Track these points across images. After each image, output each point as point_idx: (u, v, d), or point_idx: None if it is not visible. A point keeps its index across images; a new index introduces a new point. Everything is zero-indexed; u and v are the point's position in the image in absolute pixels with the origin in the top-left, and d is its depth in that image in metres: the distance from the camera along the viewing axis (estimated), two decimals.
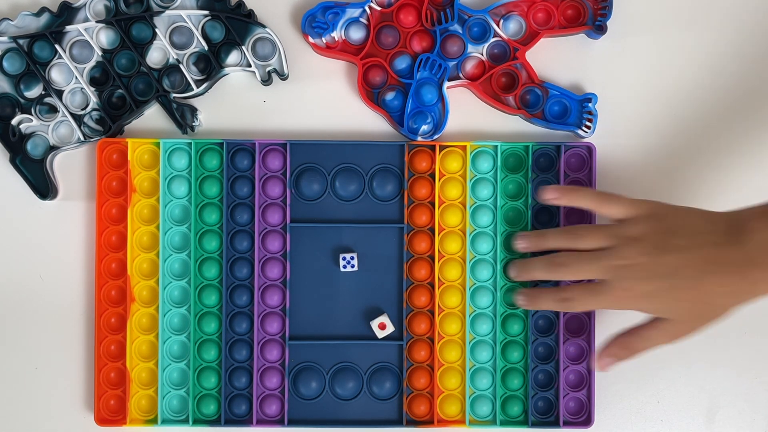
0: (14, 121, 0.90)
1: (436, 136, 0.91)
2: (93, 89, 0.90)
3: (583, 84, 0.93)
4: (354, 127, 0.93)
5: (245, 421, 0.91)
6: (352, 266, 0.91)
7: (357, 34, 0.91)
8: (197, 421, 0.91)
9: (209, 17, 0.90)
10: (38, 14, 0.90)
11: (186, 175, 0.91)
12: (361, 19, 0.91)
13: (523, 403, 0.92)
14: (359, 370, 0.92)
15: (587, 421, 0.91)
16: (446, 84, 0.91)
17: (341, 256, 0.91)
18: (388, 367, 0.92)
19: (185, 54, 0.90)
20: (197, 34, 0.90)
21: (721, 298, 0.78)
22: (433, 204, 0.91)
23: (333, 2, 0.91)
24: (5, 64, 0.90)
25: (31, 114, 0.90)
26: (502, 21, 0.91)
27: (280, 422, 0.91)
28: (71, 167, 0.92)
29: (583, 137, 0.91)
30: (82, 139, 0.91)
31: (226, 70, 0.91)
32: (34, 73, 0.90)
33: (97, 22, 0.90)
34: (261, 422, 0.92)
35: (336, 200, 0.92)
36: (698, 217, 0.81)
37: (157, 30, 0.90)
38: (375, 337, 0.92)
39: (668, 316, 0.81)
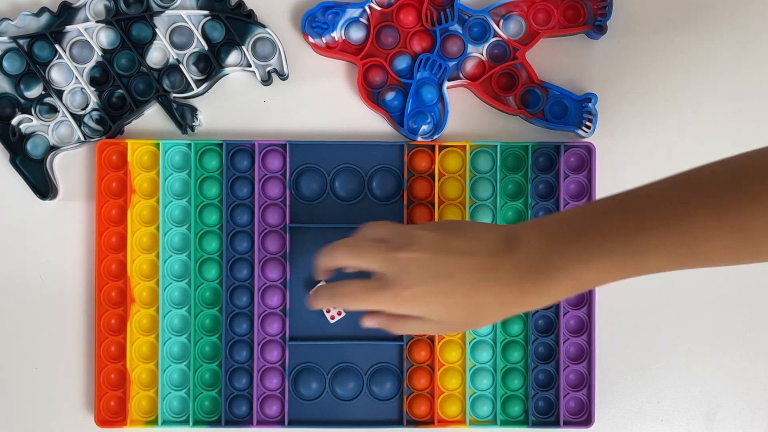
0: (14, 121, 0.90)
1: (436, 136, 0.91)
2: (93, 89, 0.90)
3: (583, 84, 0.93)
4: (354, 127, 0.93)
5: (245, 421, 0.91)
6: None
7: (357, 34, 0.91)
8: (197, 422, 0.91)
9: (209, 17, 0.90)
10: (38, 14, 0.90)
11: (186, 176, 0.91)
12: (361, 19, 0.91)
13: (524, 403, 0.92)
14: (359, 371, 0.92)
15: (587, 421, 0.91)
16: (446, 84, 0.91)
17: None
18: (388, 368, 0.92)
19: (185, 54, 0.90)
20: (197, 34, 0.90)
21: (491, 309, 0.75)
22: (433, 204, 0.91)
23: (333, 2, 0.91)
24: (5, 64, 0.90)
25: (31, 114, 0.90)
26: (502, 21, 0.91)
27: (280, 423, 0.91)
28: (71, 167, 0.92)
29: (583, 137, 0.91)
30: (82, 139, 0.91)
31: (226, 70, 0.91)
32: (34, 73, 0.90)
33: (97, 22, 0.90)
34: (261, 423, 0.91)
35: (336, 200, 0.92)
36: (479, 226, 0.79)
37: (157, 30, 0.90)
38: (375, 338, 0.92)
39: (437, 319, 0.76)
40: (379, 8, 0.91)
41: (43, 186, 0.91)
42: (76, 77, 0.90)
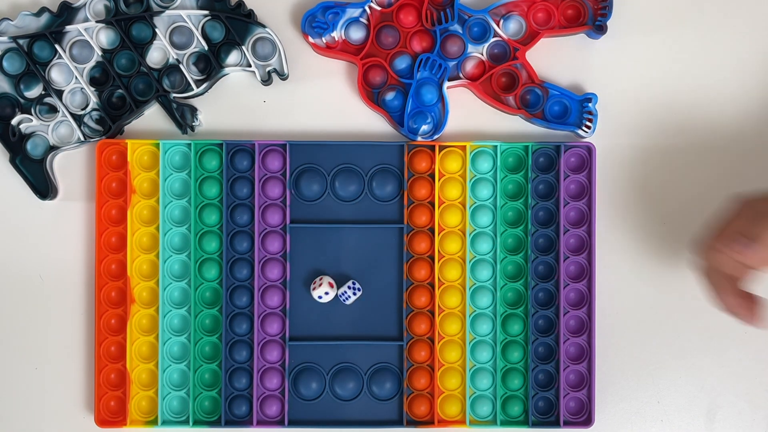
0: (14, 121, 0.90)
1: (436, 136, 0.91)
2: (93, 89, 0.90)
3: (583, 84, 0.93)
4: (354, 127, 0.93)
5: (245, 421, 0.91)
6: (355, 293, 0.91)
7: (357, 34, 0.91)
8: (197, 422, 0.91)
9: (209, 17, 0.90)
10: (38, 14, 0.90)
11: (186, 176, 0.91)
12: (361, 19, 0.91)
13: (524, 403, 0.92)
14: (359, 371, 0.92)
15: (587, 421, 0.91)
16: (446, 84, 0.91)
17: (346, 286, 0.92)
18: (388, 368, 0.92)
19: (185, 54, 0.90)
20: (197, 34, 0.90)
21: None
22: (432, 204, 0.91)
23: (333, 2, 0.91)
24: (5, 64, 0.90)
25: (31, 114, 0.90)
26: (502, 21, 0.91)
27: (280, 423, 0.91)
28: (71, 167, 0.92)
29: (583, 137, 0.91)
30: (82, 139, 0.91)
31: (226, 70, 0.91)
32: (34, 73, 0.90)
33: (97, 22, 0.90)
34: (261, 423, 0.91)
35: (336, 200, 0.92)
36: None
37: (157, 30, 0.90)
38: (375, 338, 0.92)
39: None
40: (379, 8, 0.91)
41: (43, 186, 0.91)
42: (76, 77, 0.90)
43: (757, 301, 0.81)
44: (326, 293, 0.91)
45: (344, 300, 0.91)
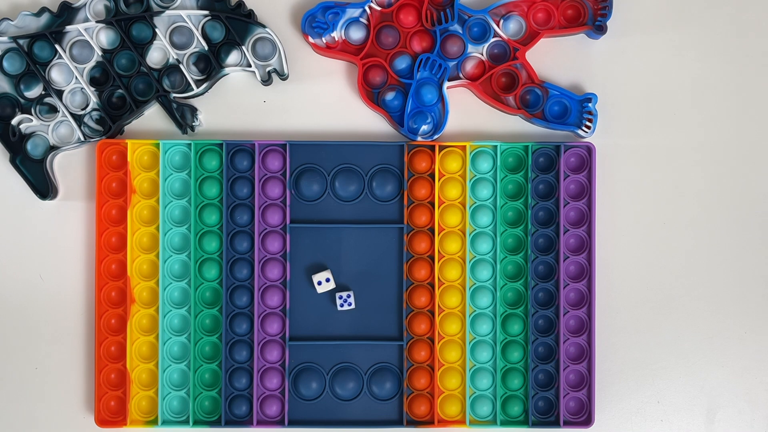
0: (14, 121, 0.90)
1: (436, 136, 0.91)
2: (93, 89, 0.90)
3: (583, 84, 0.93)
4: (354, 127, 0.93)
5: (245, 421, 0.91)
6: (350, 305, 0.91)
7: (357, 34, 0.91)
8: (197, 422, 0.91)
9: (209, 17, 0.90)
10: (38, 14, 0.90)
11: (186, 176, 0.91)
12: (361, 19, 0.91)
13: (524, 403, 0.92)
14: (359, 371, 0.92)
15: (587, 421, 0.91)
16: (446, 84, 0.91)
17: (338, 295, 0.91)
18: (388, 368, 0.92)
19: (185, 54, 0.90)
20: (197, 34, 0.90)
21: None
22: (432, 204, 0.91)
23: (333, 2, 0.91)
24: (5, 64, 0.90)
25: (31, 114, 0.90)
26: (502, 21, 0.91)
27: (280, 423, 0.91)
28: (71, 167, 0.92)
29: (583, 137, 0.91)
30: (82, 139, 0.91)
31: (226, 70, 0.91)
32: (34, 73, 0.90)
33: (97, 22, 0.90)
34: (261, 423, 0.91)
35: (336, 201, 0.92)
36: None
37: (157, 30, 0.90)
38: (375, 338, 0.92)
39: None
40: (379, 8, 0.91)
41: (43, 186, 0.91)
42: (76, 77, 0.90)
43: None
44: (327, 279, 0.91)
45: (340, 305, 0.91)
